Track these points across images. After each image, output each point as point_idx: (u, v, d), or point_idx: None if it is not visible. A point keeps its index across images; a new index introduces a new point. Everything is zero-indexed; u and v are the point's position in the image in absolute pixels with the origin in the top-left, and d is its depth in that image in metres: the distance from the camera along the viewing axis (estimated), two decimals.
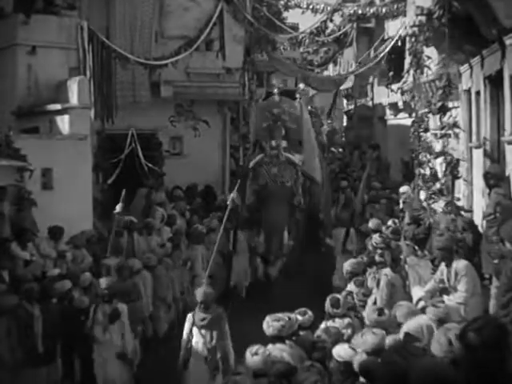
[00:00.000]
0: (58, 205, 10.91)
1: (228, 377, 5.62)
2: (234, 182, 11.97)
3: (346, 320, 7.19)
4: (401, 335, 5.78)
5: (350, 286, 8.80)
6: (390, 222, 11.73)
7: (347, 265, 9.31)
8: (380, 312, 6.39)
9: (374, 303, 8.10)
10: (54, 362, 8.07)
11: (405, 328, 5.89)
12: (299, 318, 6.96)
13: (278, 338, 6.28)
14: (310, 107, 19.25)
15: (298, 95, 13.85)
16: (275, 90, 13.65)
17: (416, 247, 10.08)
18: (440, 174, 12.12)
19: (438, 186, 11.74)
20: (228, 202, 10.37)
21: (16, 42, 12.58)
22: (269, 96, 14.74)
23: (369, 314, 6.77)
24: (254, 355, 5.72)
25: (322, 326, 7.03)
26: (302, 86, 13.02)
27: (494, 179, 9.85)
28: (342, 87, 20.29)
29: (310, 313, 7.15)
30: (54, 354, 8.05)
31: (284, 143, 13.08)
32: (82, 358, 8.36)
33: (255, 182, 12.90)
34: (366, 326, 6.28)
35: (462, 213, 10.82)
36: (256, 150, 13.60)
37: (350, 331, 6.96)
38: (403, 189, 13.35)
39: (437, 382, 3.34)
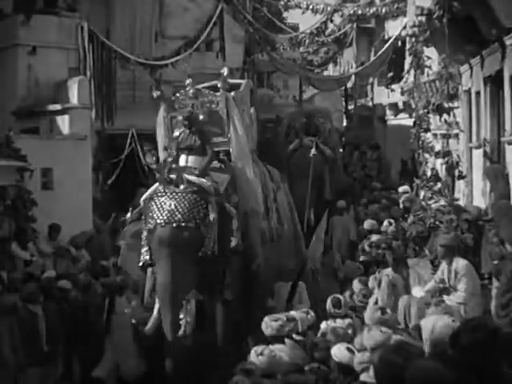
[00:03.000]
0: (58, 205, 10.92)
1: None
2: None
3: (347, 320, 7.18)
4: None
5: (355, 285, 8.81)
6: (385, 223, 11.70)
7: (348, 268, 9.33)
8: (383, 311, 6.38)
9: (375, 303, 8.09)
10: (56, 361, 8.08)
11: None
12: (308, 317, 6.98)
13: (276, 338, 6.28)
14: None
15: (219, 85, 8.61)
16: (187, 81, 8.86)
17: (416, 247, 10.11)
18: (441, 174, 12.12)
19: (439, 185, 11.74)
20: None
21: (16, 42, 12.59)
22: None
23: (370, 313, 6.76)
24: (259, 355, 5.71)
25: (323, 326, 7.02)
26: (225, 70, 8.70)
27: (494, 177, 9.87)
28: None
29: (312, 313, 7.15)
30: (57, 353, 8.06)
31: (192, 160, 8.17)
32: (80, 358, 8.36)
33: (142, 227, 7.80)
34: (367, 325, 6.26)
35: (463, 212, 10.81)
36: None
37: (350, 331, 6.95)
38: (402, 189, 13.34)
39: (432, 383, 3.35)
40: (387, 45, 16.90)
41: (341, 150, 18.47)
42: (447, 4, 10.70)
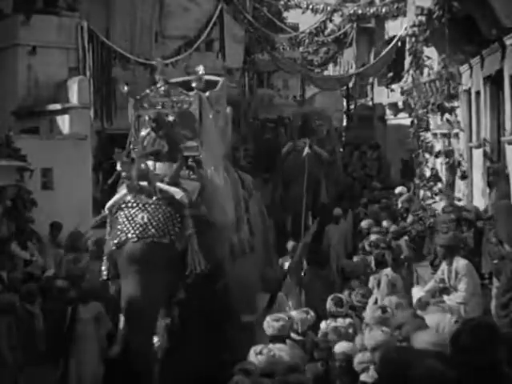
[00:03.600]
0: (58, 205, 10.92)
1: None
2: None
3: (348, 320, 7.19)
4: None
5: (353, 284, 8.82)
6: (385, 223, 11.68)
7: (347, 266, 9.31)
8: (383, 310, 6.38)
9: (375, 303, 8.09)
10: (55, 361, 8.07)
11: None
12: (303, 317, 6.98)
13: (278, 338, 6.28)
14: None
15: (193, 84, 7.75)
16: (157, 76, 8.12)
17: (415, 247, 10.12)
18: (441, 174, 12.13)
19: (439, 185, 11.75)
20: None
21: (16, 42, 12.58)
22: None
23: (370, 312, 6.76)
24: (258, 355, 5.72)
25: (323, 325, 7.03)
26: (201, 69, 7.81)
27: (494, 175, 9.88)
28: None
29: (311, 313, 7.16)
30: (56, 353, 8.05)
31: (160, 167, 7.23)
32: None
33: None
34: (368, 325, 6.26)
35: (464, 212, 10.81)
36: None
37: (351, 331, 6.96)
38: (399, 190, 13.35)
39: (434, 382, 3.35)
40: (390, 46, 16.90)
41: (341, 150, 18.49)
42: (447, 4, 10.70)
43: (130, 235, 6.50)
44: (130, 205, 6.68)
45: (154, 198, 6.69)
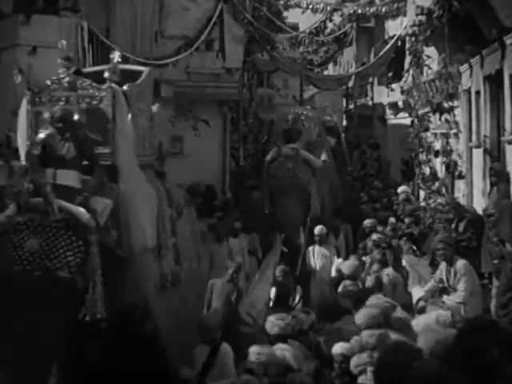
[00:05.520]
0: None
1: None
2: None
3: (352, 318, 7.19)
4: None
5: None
6: (392, 219, 11.60)
7: (345, 269, 9.29)
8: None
9: None
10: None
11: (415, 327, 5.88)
12: (304, 317, 7.01)
13: (281, 338, 6.29)
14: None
15: (106, 74, 6.45)
16: (59, 60, 6.80)
17: (414, 247, 10.11)
18: (440, 174, 12.13)
19: (437, 185, 11.74)
20: None
21: (16, 42, 12.58)
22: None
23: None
24: (257, 355, 5.72)
25: (327, 326, 7.04)
26: (115, 55, 6.63)
27: (495, 176, 9.88)
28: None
29: (313, 313, 7.18)
30: None
31: (63, 177, 5.82)
32: None
33: None
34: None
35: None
36: None
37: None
38: (401, 188, 13.35)
39: (435, 383, 3.35)
40: (389, 45, 16.91)
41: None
42: (447, 3, 10.72)
43: (16, 267, 5.09)
44: (18, 227, 5.18)
45: (51, 218, 5.23)
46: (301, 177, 11.81)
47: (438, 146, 12.66)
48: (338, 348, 5.76)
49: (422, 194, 12.85)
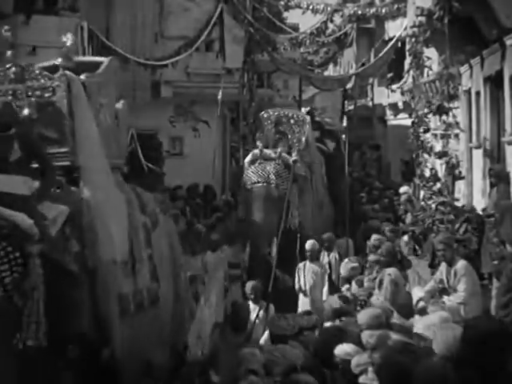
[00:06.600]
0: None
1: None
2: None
3: (354, 319, 7.19)
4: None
5: (353, 287, 8.81)
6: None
7: (343, 271, 9.28)
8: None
9: None
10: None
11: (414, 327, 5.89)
12: (304, 317, 7.01)
13: (282, 338, 6.29)
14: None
15: (59, 61, 5.90)
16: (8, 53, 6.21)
17: (417, 247, 10.11)
18: (440, 174, 12.13)
19: (438, 185, 11.74)
20: None
21: (16, 43, 12.57)
22: None
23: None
24: (260, 355, 5.73)
25: (328, 324, 7.04)
26: (69, 37, 6.15)
27: (495, 177, 9.88)
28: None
29: (314, 314, 7.18)
30: None
31: (5, 182, 4.77)
32: None
33: None
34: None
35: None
36: None
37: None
38: (403, 189, 13.34)
39: (441, 382, 3.35)
40: (389, 46, 16.93)
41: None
42: (447, 4, 10.71)
43: None
44: None
45: None
46: (279, 183, 10.44)
47: (438, 146, 12.66)
48: (340, 349, 5.75)
49: (422, 194, 12.84)
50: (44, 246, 4.57)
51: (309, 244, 9.61)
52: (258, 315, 7.49)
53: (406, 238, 10.75)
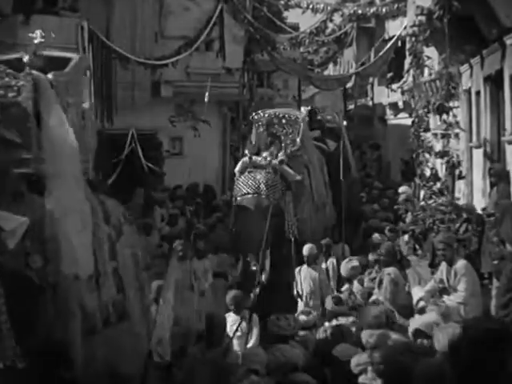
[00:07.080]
0: None
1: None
2: None
3: (351, 318, 7.20)
4: (410, 333, 5.79)
5: (355, 286, 8.81)
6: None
7: (343, 270, 9.28)
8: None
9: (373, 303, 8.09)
10: None
11: (413, 325, 5.90)
12: (304, 318, 7.01)
13: (281, 338, 6.29)
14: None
15: (25, 59, 5.40)
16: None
17: (417, 246, 10.10)
18: (440, 174, 12.12)
19: (438, 185, 11.74)
20: None
21: (16, 42, 12.57)
22: None
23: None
24: (261, 355, 5.73)
25: (326, 325, 7.04)
26: (37, 34, 5.66)
27: (495, 176, 9.88)
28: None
29: (314, 313, 7.18)
30: None
31: None
32: None
33: None
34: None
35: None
36: None
37: (354, 329, 6.97)
38: (402, 189, 13.34)
39: (441, 381, 3.35)
40: (389, 45, 16.94)
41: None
42: (447, 4, 10.70)
43: None
44: None
45: None
46: (270, 193, 9.76)
47: (438, 146, 12.65)
48: (340, 348, 5.76)
49: (422, 194, 12.83)
50: (1, 258, 4.27)
51: (306, 248, 9.44)
52: (239, 326, 7.19)
53: (406, 237, 10.74)
